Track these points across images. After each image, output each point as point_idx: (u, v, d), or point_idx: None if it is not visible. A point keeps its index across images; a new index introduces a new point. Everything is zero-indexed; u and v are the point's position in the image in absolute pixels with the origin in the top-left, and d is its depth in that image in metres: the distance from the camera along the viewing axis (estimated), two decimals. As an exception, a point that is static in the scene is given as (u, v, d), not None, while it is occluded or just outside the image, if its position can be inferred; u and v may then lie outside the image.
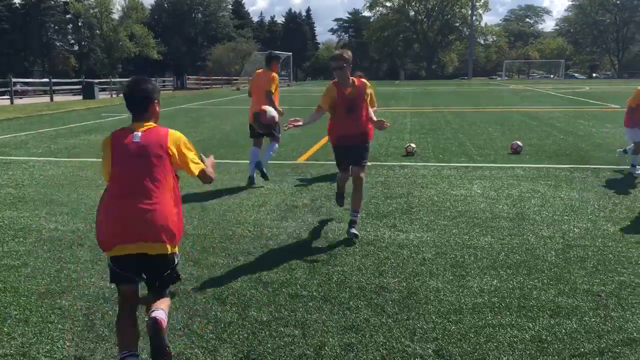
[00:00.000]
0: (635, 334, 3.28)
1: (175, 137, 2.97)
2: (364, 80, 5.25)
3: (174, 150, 2.93)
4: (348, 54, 5.11)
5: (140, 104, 3.00)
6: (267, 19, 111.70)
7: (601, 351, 3.08)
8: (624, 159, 8.79)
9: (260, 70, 7.89)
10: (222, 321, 3.50)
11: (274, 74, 7.64)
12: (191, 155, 3.03)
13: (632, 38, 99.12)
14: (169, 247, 2.84)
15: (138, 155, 2.86)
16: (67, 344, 3.23)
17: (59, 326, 3.45)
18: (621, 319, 3.47)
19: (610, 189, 7.14)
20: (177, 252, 2.99)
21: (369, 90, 5.29)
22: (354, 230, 5.11)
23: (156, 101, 3.06)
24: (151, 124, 3.01)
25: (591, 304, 3.69)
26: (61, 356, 3.11)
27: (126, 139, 2.91)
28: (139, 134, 2.92)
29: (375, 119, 5.29)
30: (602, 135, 12.55)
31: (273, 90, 7.50)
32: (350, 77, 5.14)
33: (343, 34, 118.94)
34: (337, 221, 5.73)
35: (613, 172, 8.19)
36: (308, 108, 18.03)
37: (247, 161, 8.18)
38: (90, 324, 3.48)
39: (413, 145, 10.33)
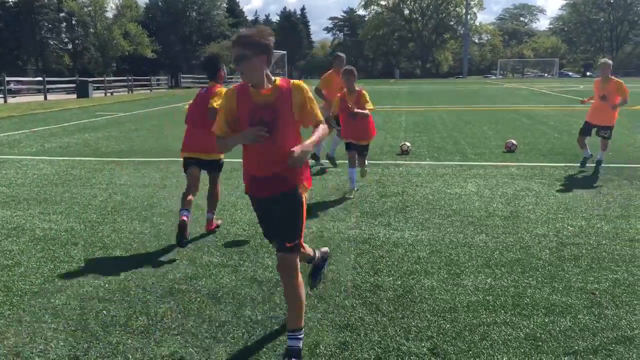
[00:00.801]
0: (629, 332, 3.29)
1: (215, 93, 4.92)
2: (297, 81, 3.04)
3: (212, 100, 4.85)
4: (260, 34, 2.86)
5: (210, 71, 5.12)
6: (262, 17, 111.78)
7: (595, 349, 3.09)
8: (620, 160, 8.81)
9: (338, 79, 7.84)
10: (216, 320, 3.49)
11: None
12: (215, 102, 4.75)
13: (626, 37, 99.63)
14: (212, 155, 5.04)
15: (199, 102, 5.04)
16: (61, 343, 3.22)
17: (53, 326, 3.44)
18: (615, 317, 3.48)
19: (604, 187, 7.17)
20: (221, 158, 5.19)
21: (302, 96, 2.99)
22: None
23: (221, 69, 5.11)
24: (214, 83, 5.07)
25: (585, 302, 3.70)
26: (55, 356, 3.09)
27: (200, 91, 5.19)
28: (205, 88, 5.13)
29: (313, 137, 2.99)
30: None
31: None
32: (274, 77, 2.99)
33: (338, 32, 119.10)
34: (332, 220, 5.73)
35: (607, 171, 8.22)
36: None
37: (240, 160, 8.65)
38: (84, 323, 3.47)
39: (408, 144, 10.35)
